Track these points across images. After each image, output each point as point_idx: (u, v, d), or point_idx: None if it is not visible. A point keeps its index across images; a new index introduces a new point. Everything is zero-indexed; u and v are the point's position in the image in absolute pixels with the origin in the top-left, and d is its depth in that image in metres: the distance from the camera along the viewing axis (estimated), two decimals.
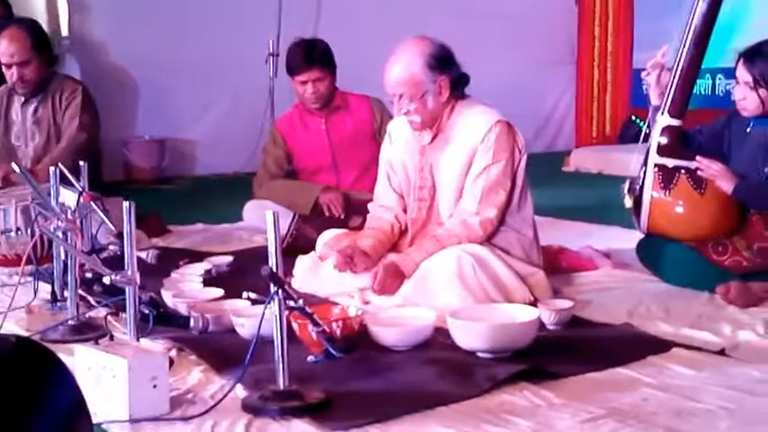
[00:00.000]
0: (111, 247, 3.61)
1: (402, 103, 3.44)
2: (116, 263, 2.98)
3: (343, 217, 4.47)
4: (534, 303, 3.28)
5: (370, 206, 3.80)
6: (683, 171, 3.76)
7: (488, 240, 3.48)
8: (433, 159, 3.55)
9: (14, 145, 4.76)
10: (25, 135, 4.74)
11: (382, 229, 3.66)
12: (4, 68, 4.66)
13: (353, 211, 4.47)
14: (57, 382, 1.36)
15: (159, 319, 3.01)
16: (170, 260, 4.06)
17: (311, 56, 4.60)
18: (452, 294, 3.28)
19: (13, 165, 3.66)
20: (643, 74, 3.97)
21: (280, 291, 2.41)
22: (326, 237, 3.89)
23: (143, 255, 3.97)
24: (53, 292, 3.39)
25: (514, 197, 3.52)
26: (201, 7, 7.29)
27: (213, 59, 7.22)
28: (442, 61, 3.45)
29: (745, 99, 3.64)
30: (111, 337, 2.72)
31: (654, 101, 3.90)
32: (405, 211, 3.69)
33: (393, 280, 3.42)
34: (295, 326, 2.79)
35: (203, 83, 7.32)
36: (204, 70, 7.27)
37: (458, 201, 3.50)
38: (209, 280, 3.76)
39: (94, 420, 2.26)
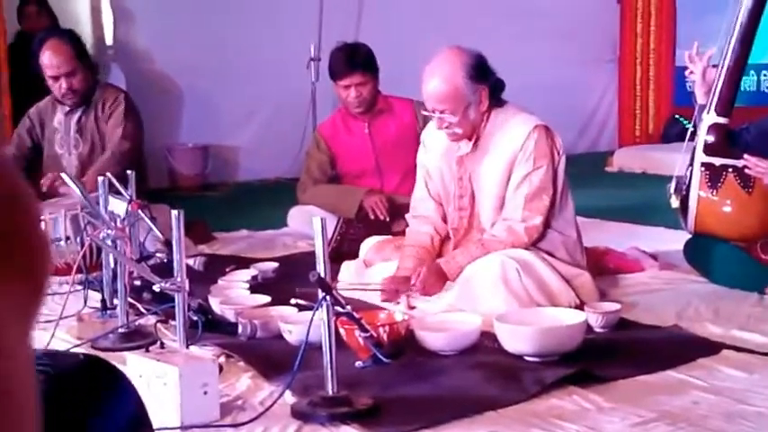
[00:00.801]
0: (159, 255, 3.64)
1: (444, 117, 3.43)
2: (164, 270, 3.02)
3: (387, 220, 4.47)
4: (580, 306, 3.27)
5: (407, 217, 3.79)
6: (730, 170, 3.73)
7: (533, 245, 3.47)
8: (471, 168, 3.54)
9: (58, 153, 4.83)
10: (68, 144, 4.80)
11: (423, 245, 3.64)
12: (50, 81, 4.71)
13: (398, 215, 4.47)
14: (123, 398, 1.38)
15: (208, 326, 3.04)
16: (216, 267, 4.09)
17: (354, 60, 4.61)
18: (497, 299, 3.27)
19: (63, 174, 3.71)
20: (687, 72, 3.94)
21: (328, 296, 2.43)
22: (370, 243, 3.89)
23: (190, 262, 4.01)
24: (103, 300, 3.43)
25: (556, 199, 3.50)
26: (243, 13, 7.33)
27: (255, 65, 7.26)
28: (481, 71, 3.44)
29: None
30: (162, 345, 2.75)
31: (700, 99, 3.86)
32: (444, 219, 3.68)
33: (436, 280, 3.42)
34: (342, 331, 2.80)
35: (246, 89, 7.35)
36: (246, 76, 7.31)
37: (498, 209, 3.48)
38: (255, 286, 3.78)
39: None
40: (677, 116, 8.03)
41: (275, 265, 4.12)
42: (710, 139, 3.79)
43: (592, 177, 6.96)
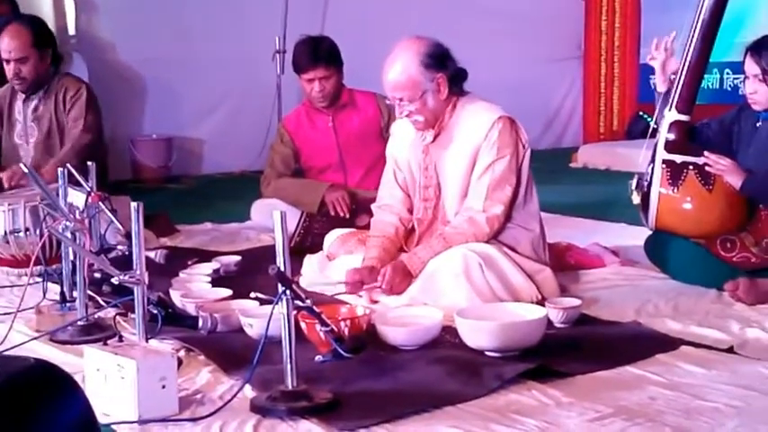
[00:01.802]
0: (120, 247, 3.61)
1: (403, 105, 3.44)
2: (124, 263, 2.99)
3: (348, 216, 4.46)
4: (542, 302, 3.28)
5: (373, 207, 3.79)
6: (691, 167, 3.76)
7: (495, 237, 3.48)
8: (436, 158, 3.55)
9: (17, 143, 4.78)
10: (26, 133, 4.76)
11: (387, 236, 3.65)
12: (4, 64, 4.68)
13: (361, 210, 4.46)
14: (70, 404, 1.37)
15: (168, 320, 3.01)
16: (178, 260, 4.06)
17: (317, 54, 4.59)
18: (459, 293, 3.28)
19: (22, 165, 3.67)
20: (648, 57, 3.96)
21: (288, 290, 2.42)
22: (333, 236, 3.89)
23: (151, 255, 3.97)
24: (62, 293, 3.40)
25: (520, 193, 3.51)
26: (208, 5, 7.29)
27: (220, 57, 7.22)
28: (438, 59, 3.44)
29: (756, 92, 3.63)
30: (120, 338, 2.72)
31: (660, 87, 3.88)
32: (410, 210, 3.69)
33: (401, 279, 3.42)
34: (303, 325, 2.79)
35: (210, 81, 7.32)
36: (211, 68, 7.27)
37: (463, 199, 3.50)
38: (217, 280, 3.77)
39: (104, 421, 2.27)
40: (641, 113, 8.10)
41: (238, 258, 4.11)
42: (672, 136, 3.82)
43: (556, 173, 7.00)
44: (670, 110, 3.83)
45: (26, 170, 3.40)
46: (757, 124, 3.71)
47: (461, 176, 3.49)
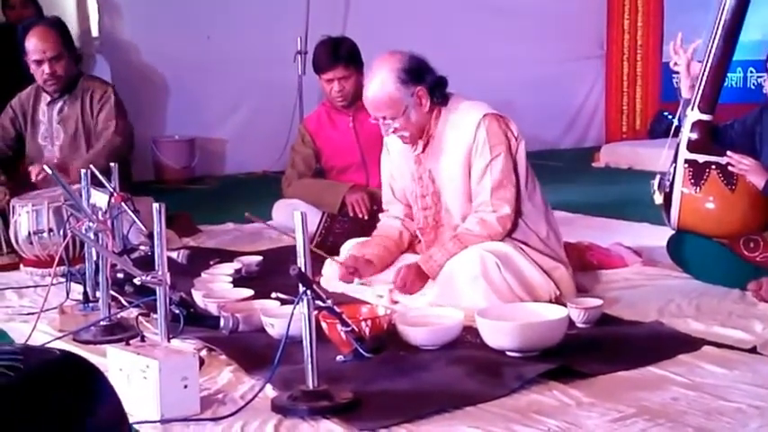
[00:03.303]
0: (143, 248, 3.62)
1: (387, 123, 3.42)
2: (147, 263, 3.01)
3: (367, 218, 4.45)
4: (559, 298, 3.27)
5: (380, 216, 3.80)
6: (713, 167, 3.74)
7: (509, 235, 3.46)
8: (430, 166, 3.53)
9: (41, 145, 4.81)
10: (51, 135, 4.78)
11: (389, 236, 3.65)
12: (33, 66, 4.69)
13: (381, 210, 4.45)
14: (99, 396, 1.37)
15: (190, 320, 3.03)
16: (201, 260, 4.08)
17: (336, 54, 4.60)
18: (478, 294, 3.27)
19: (45, 166, 3.70)
20: (671, 63, 3.94)
21: (308, 291, 2.43)
22: (349, 245, 3.89)
23: (174, 255, 3.99)
24: (85, 293, 3.42)
25: (522, 185, 3.48)
26: (229, 6, 7.31)
27: (242, 58, 7.24)
28: (414, 73, 3.39)
29: None
30: (143, 338, 2.74)
31: (684, 93, 3.87)
32: (411, 218, 3.68)
33: (416, 278, 3.42)
34: (324, 325, 2.80)
35: (232, 81, 7.34)
36: (233, 69, 7.29)
37: (467, 201, 3.47)
38: (238, 280, 3.78)
39: None
40: (664, 112, 8.03)
41: (259, 258, 4.12)
42: (694, 136, 3.80)
43: (578, 173, 6.98)
44: (692, 109, 3.81)
45: (50, 171, 3.42)
46: None
47: (459, 181, 3.47)
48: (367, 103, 3.46)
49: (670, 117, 7.08)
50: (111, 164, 3.50)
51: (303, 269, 2.41)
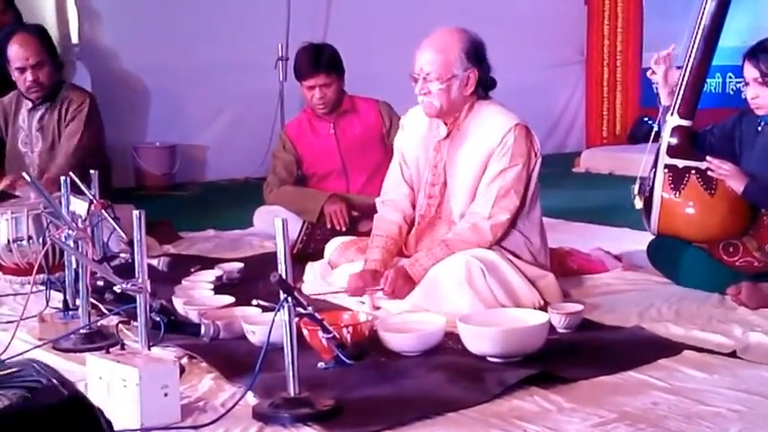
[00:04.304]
0: (123, 255, 3.61)
1: (426, 83, 3.43)
2: (127, 271, 2.99)
3: (344, 230, 4.44)
4: (544, 307, 3.28)
5: (377, 201, 3.77)
6: (693, 171, 3.76)
7: (498, 243, 3.48)
8: (448, 156, 3.54)
9: (21, 151, 4.79)
10: (31, 142, 4.77)
11: (390, 235, 3.63)
12: (16, 74, 4.68)
13: (362, 216, 4.46)
14: None
15: (170, 327, 3.01)
16: (181, 267, 4.06)
17: (318, 61, 4.61)
18: (462, 300, 3.28)
19: (24, 174, 3.68)
20: (649, 73, 3.96)
21: (289, 297, 2.42)
22: (334, 244, 3.88)
23: (154, 262, 3.96)
24: (65, 301, 3.40)
25: (526, 200, 3.51)
26: (211, 13, 7.30)
27: (223, 65, 7.22)
28: (477, 56, 3.48)
29: (758, 96, 3.63)
30: (123, 346, 2.72)
31: (663, 101, 3.89)
32: (413, 206, 3.67)
33: (403, 284, 3.42)
34: (305, 332, 2.79)
35: (213, 88, 7.32)
36: (214, 76, 7.27)
37: (471, 201, 3.49)
38: (220, 287, 3.77)
39: None
40: (644, 117, 8.09)
41: (240, 265, 4.10)
42: (674, 140, 3.82)
43: (559, 178, 7.00)
44: (672, 114, 3.83)
45: (28, 179, 3.41)
46: (759, 128, 3.71)
47: (471, 178, 3.48)
48: (420, 55, 3.47)
49: (650, 122, 7.14)
50: (91, 171, 3.48)
51: (284, 276, 2.41)
